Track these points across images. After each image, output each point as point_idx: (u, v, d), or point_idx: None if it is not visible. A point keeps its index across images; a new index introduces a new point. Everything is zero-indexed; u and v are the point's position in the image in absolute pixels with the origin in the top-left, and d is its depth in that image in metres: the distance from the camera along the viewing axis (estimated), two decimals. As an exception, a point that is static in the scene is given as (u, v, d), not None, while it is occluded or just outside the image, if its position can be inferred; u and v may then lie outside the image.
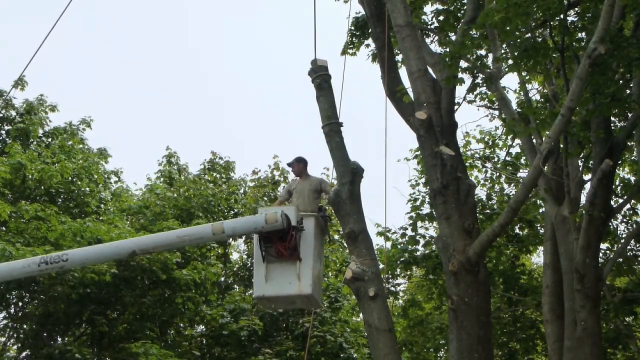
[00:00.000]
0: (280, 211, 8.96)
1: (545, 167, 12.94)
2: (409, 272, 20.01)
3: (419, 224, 18.29)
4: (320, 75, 11.67)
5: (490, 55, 14.73)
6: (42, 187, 21.57)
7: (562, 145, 12.57)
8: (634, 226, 17.36)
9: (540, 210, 16.53)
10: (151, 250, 9.06)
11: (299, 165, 11.38)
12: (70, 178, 21.99)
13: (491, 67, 14.75)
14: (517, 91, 16.99)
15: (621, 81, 12.35)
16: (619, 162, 15.13)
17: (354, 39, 16.99)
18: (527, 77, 15.43)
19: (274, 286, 9.57)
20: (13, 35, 62.58)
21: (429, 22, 15.78)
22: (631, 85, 12.91)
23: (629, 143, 14.21)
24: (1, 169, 20.19)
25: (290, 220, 9.09)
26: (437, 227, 11.87)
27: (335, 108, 11.64)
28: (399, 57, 14.11)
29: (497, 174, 19.06)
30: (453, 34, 14.60)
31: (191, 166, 28.32)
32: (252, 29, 72.92)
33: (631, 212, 17.74)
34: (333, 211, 11.77)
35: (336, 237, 26.53)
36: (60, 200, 22.26)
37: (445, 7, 15.22)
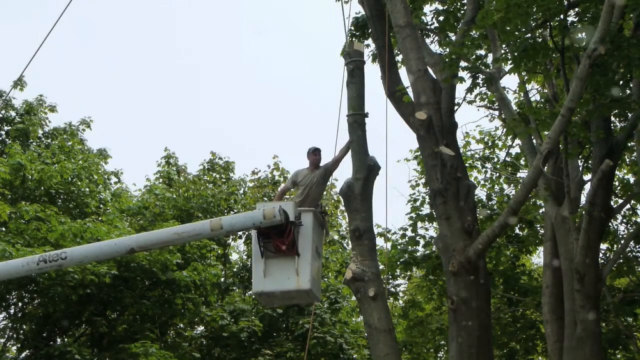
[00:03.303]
0: (278, 206, 8.92)
1: (545, 167, 12.93)
2: (409, 273, 20.00)
3: (419, 224, 18.28)
4: (354, 61, 11.62)
5: (490, 56, 14.72)
6: (42, 188, 21.54)
7: (562, 146, 12.56)
8: (634, 227, 17.34)
9: (540, 211, 16.53)
10: (150, 247, 9.02)
11: (316, 157, 11.38)
12: (70, 178, 21.96)
13: (491, 67, 14.75)
14: (517, 91, 17.00)
15: (621, 82, 12.35)
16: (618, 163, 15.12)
17: (353, 39, 16.97)
18: (527, 78, 15.43)
19: (272, 281, 9.54)
20: (12, 35, 62.63)
21: (429, 23, 15.77)
22: (631, 85, 12.90)
23: (629, 143, 14.21)
24: (1, 169, 20.17)
25: (288, 216, 9.07)
26: (437, 227, 11.87)
27: (363, 98, 11.58)
28: (399, 58, 14.10)
29: (497, 174, 19.05)
30: (453, 34, 14.60)
31: (190, 167, 28.34)
32: (251, 29, 72.96)
33: (631, 212, 17.72)
34: (342, 203, 11.68)
35: (336, 237, 26.52)
36: (60, 200, 22.23)
37: (444, 8, 15.22)
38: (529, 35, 12.16)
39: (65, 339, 21.73)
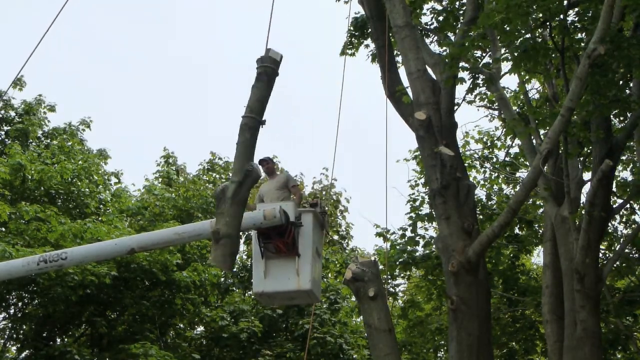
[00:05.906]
0: (278, 207, 8.97)
1: (545, 167, 12.93)
2: (408, 273, 19.99)
3: (419, 224, 18.26)
4: (264, 66, 11.40)
5: (490, 56, 14.72)
6: (42, 188, 21.54)
7: (562, 146, 12.56)
8: (634, 226, 17.32)
9: (540, 211, 16.51)
10: (150, 248, 9.03)
11: (267, 165, 11.33)
12: (70, 179, 21.96)
13: (490, 67, 14.75)
14: (517, 91, 16.98)
15: (621, 82, 12.34)
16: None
17: (353, 39, 16.97)
18: (527, 78, 15.42)
19: (273, 282, 9.56)
20: (12, 34, 62.62)
21: (429, 23, 15.77)
22: (631, 85, 12.90)
23: (628, 143, 14.19)
24: (1, 169, 20.17)
25: (288, 216, 9.10)
26: (437, 227, 11.87)
27: (264, 104, 11.27)
28: (399, 58, 14.11)
29: (496, 174, 19.03)
30: (453, 34, 14.61)
31: (189, 167, 28.36)
32: (248, 30, 72.98)
33: (629, 212, 17.68)
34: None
35: (336, 237, 26.53)
36: (60, 201, 22.23)
37: (443, 7, 15.22)
38: (529, 35, 12.16)
39: (65, 339, 21.73)
